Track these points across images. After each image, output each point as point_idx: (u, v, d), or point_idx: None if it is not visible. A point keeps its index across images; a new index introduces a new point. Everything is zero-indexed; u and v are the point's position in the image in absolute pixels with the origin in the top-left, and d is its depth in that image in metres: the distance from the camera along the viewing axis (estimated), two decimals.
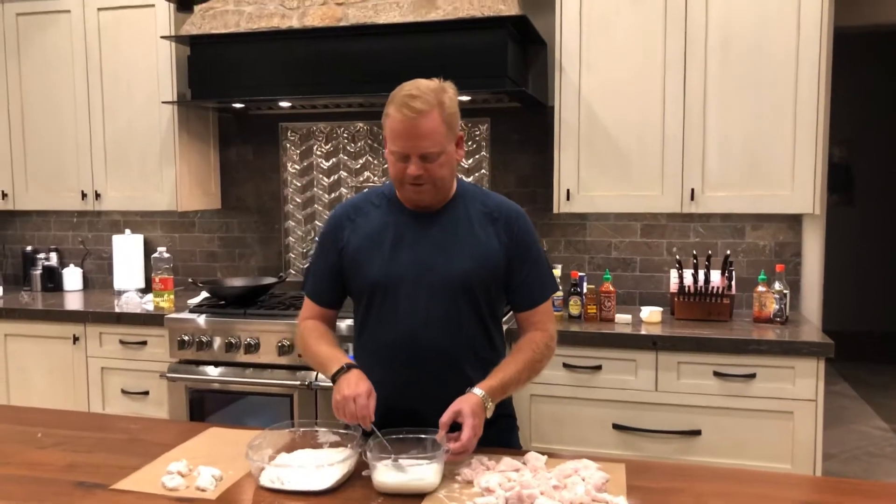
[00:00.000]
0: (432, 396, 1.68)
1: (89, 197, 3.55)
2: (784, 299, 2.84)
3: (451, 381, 1.69)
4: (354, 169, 3.53)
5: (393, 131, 1.64)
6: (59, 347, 3.31)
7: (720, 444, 2.63)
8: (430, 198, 1.71)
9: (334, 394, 1.61)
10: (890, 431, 4.45)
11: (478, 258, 1.71)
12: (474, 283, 1.71)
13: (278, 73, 3.06)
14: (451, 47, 2.85)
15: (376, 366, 1.72)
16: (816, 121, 2.76)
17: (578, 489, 1.40)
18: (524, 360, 1.72)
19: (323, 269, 1.83)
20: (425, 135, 1.62)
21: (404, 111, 1.61)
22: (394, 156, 1.66)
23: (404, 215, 1.75)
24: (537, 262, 1.79)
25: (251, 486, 1.49)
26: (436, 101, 1.63)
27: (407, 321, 1.70)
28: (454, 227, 1.74)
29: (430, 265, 1.70)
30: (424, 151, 1.63)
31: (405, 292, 1.70)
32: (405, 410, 1.68)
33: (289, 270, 3.65)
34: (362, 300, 1.78)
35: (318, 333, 1.81)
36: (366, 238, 1.76)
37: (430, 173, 1.65)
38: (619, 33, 2.90)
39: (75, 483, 1.52)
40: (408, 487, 1.44)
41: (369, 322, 1.77)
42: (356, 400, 1.56)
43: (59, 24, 3.51)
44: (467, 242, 1.72)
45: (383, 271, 1.72)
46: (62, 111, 3.56)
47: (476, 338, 1.75)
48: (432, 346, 1.70)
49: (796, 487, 1.57)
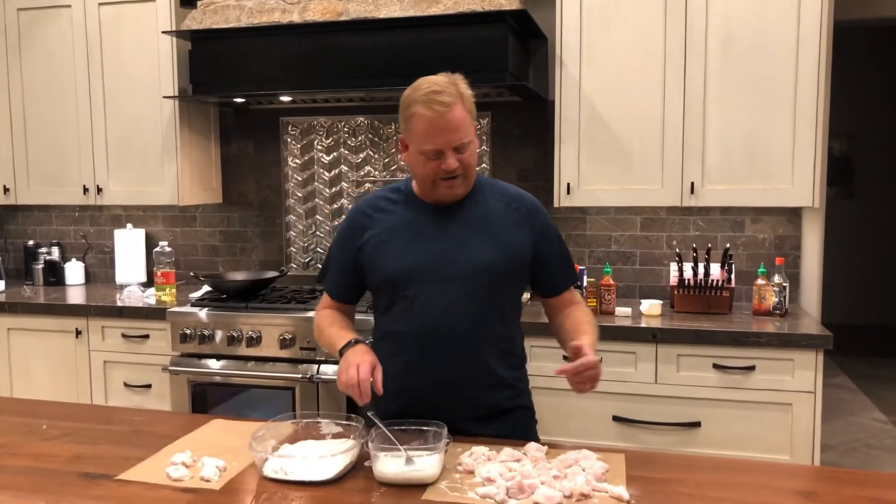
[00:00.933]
0: (453, 386, 1.71)
1: (91, 191, 3.56)
2: (783, 292, 2.85)
3: (472, 371, 1.72)
4: (355, 163, 3.54)
5: (424, 130, 1.64)
6: (62, 341, 3.33)
7: (720, 436, 2.64)
8: (462, 190, 1.72)
9: (339, 364, 1.65)
10: (889, 423, 4.47)
11: (500, 249, 1.72)
12: (496, 274, 1.72)
13: (279, 67, 3.07)
14: (451, 41, 2.86)
15: (397, 356, 1.73)
16: (816, 114, 2.76)
17: (579, 479, 1.42)
18: (589, 322, 1.77)
19: (340, 264, 1.86)
20: (457, 127, 1.63)
21: (435, 107, 1.61)
22: (425, 155, 1.66)
23: (424, 209, 1.76)
24: (560, 249, 1.84)
25: (255, 476, 1.50)
26: (457, 91, 1.65)
27: (428, 312, 1.71)
28: (475, 219, 1.74)
29: (452, 257, 1.71)
30: (458, 143, 1.64)
31: (427, 284, 1.71)
32: (425, 400, 1.70)
33: (290, 264, 3.67)
34: (383, 293, 1.79)
35: (331, 319, 1.86)
36: (385, 232, 1.77)
37: (463, 164, 1.67)
38: (619, 28, 2.90)
39: (81, 474, 1.54)
40: (409, 478, 1.45)
41: (390, 314, 1.78)
42: (358, 367, 1.58)
43: (61, 19, 3.51)
44: (489, 234, 1.73)
45: (404, 263, 1.72)
46: (64, 106, 3.56)
47: (497, 328, 1.76)
48: (454, 336, 1.70)
49: (794, 477, 1.59)
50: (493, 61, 2.83)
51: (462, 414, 1.73)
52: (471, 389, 1.73)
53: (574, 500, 1.38)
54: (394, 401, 1.69)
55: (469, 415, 1.74)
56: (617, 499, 1.38)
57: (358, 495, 1.43)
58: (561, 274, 1.84)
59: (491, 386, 1.76)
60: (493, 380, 1.76)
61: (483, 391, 1.75)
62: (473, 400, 1.75)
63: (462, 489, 1.43)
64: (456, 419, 1.69)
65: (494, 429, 1.73)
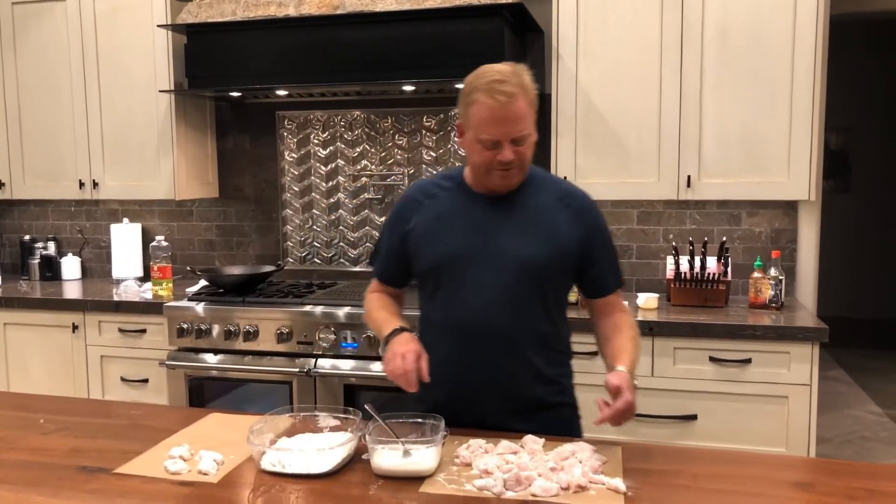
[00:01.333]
0: (491, 378, 1.70)
1: (87, 186, 3.55)
2: (779, 285, 2.86)
3: (512, 364, 1.71)
4: (352, 157, 3.54)
5: (483, 118, 1.61)
6: (59, 336, 3.33)
7: (716, 429, 2.65)
8: (516, 181, 1.70)
9: (385, 352, 1.66)
10: (884, 416, 4.49)
11: (549, 244, 1.70)
12: (543, 268, 1.70)
13: (275, 61, 3.06)
14: (447, 35, 2.85)
15: (439, 345, 1.71)
16: (812, 108, 2.77)
17: (575, 471, 1.42)
18: (633, 337, 1.75)
19: (388, 248, 1.85)
20: (518, 118, 1.61)
21: (497, 97, 1.58)
22: (482, 143, 1.63)
23: (475, 199, 1.74)
24: (610, 249, 1.82)
25: (252, 469, 1.51)
26: (520, 83, 1.62)
27: (470, 303, 1.69)
28: (526, 211, 1.72)
29: (500, 248, 1.69)
30: (517, 135, 1.62)
31: (470, 274, 1.70)
32: (466, 391, 1.70)
33: (286, 259, 3.66)
34: (429, 280, 1.77)
35: (379, 303, 1.88)
36: (434, 220, 1.75)
37: (519, 156, 1.64)
38: (615, 21, 2.90)
39: (79, 468, 1.54)
40: (407, 471, 1.45)
41: (434, 302, 1.77)
42: (405, 356, 1.60)
43: (55, 13, 3.50)
44: (539, 227, 1.71)
45: (449, 252, 1.71)
46: (59, 100, 3.55)
47: (540, 323, 1.74)
48: (494, 329, 1.69)
49: (790, 468, 1.59)
50: (489, 55, 2.78)
51: (502, 407, 1.71)
52: (510, 383, 1.71)
53: (571, 492, 1.38)
54: (436, 390, 1.68)
55: (509, 408, 1.72)
56: (614, 491, 1.39)
57: (355, 488, 1.43)
58: (609, 276, 1.80)
59: (532, 381, 1.73)
60: (534, 374, 1.73)
61: (523, 385, 1.73)
62: (513, 394, 1.73)
63: (459, 481, 1.43)
64: (496, 412, 1.70)
65: (535, 424, 1.69)
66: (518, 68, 1.66)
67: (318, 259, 3.63)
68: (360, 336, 2.83)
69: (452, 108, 3.39)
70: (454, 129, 3.40)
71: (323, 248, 3.62)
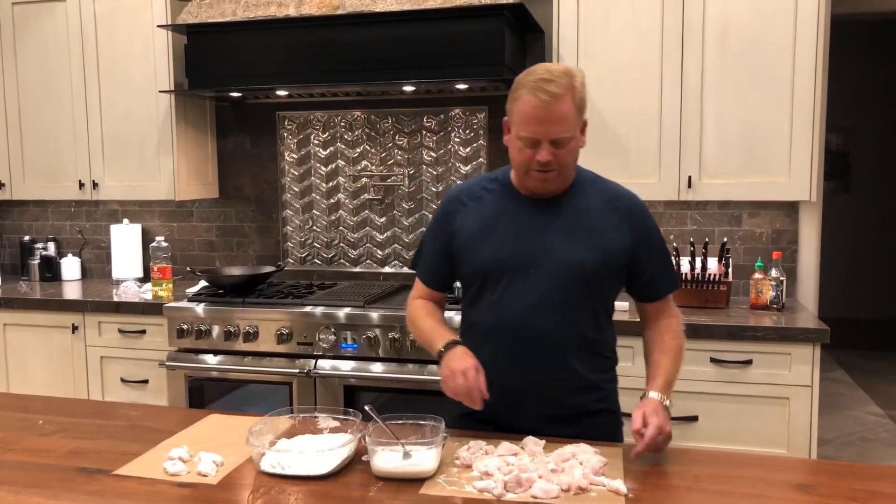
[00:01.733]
0: (535, 384, 1.69)
1: (87, 186, 3.55)
2: (780, 286, 2.86)
3: (557, 370, 1.69)
4: (352, 158, 3.54)
5: (524, 116, 1.59)
6: (58, 337, 3.32)
7: (717, 430, 2.65)
8: (555, 186, 1.67)
9: (442, 369, 1.64)
10: (885, 417, 4.49)
11: (598, 248, 1.68)
12: (588, 274, 1.67)
13: (275, 61, 3.05)
14: (448, 35, 2.85)
15: (482, 348, 1.69)
16: (813, 108, 2.76)
17: (576, 473, 1.42)
18: (673, 351, 1.73)
19: (433, 251, 1.82)
20: (559, 119, 1.58)
21: (539, 95, 1.56)
22: (522, 141, 1.61)
23: (521, 201, 1.72)
24: (662, 252, 1.79)
25: (252, 471, 1.50)
26: (569, 84, 1.59)
27: (515, 307, 1.68)
28: (574, 215, 1.70)
29: (544, 252, 1.67)
30: (556, 137, 1.59)
31: (516, 278, 1.68)
32: (508, 396, 1.67)
33: (287, 259, 3.66)
34: (474, 284, 1.75)
35: (425, 311, 1.83)
36: (479, 223, 1.73)
37: (558, 159, 1.61)
38: (616, 22, 2.90)
39: (78, 469, 1.53)
40: (407, 472, 1.45)
41: (479, 305, 1.74)
42: (465, 374, 1.57)
43: (56, 13, 3.49)
44: (587, 231, 1.69)
45: (498, 256, 1.69)
46: (59, 101, 3.55)
47: (586, 329, 1.72)
48: (539, 334, 1.67)
49: (792, 470, 1.59)
50: (490, 55, 2.82)
51: (545, 412, 1.70)
52: (554, 389, 1.70)
53: (572, 494, 1.38)
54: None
55: (552, 414, 1.70)
56: (614, 492, 1.38)
57: (355, 490, 1.42)
58: (660, 279, 1.77)
59: (576, 387, 1.71)
60: (578, 381, 1.72)
61: (567, 392, 1.71)
62: (556, 400, 1.71)
63: (460, 483, 1.43)
64: (539, 418, 1.69)
65: (576, 430, 1.68)
66: (572, 70, 1.63)
67: (319, 260, 3.63)
68: (360, 337, 2.83)
69: (453, 109, 3.39)
70: (454, 130, 3.40)
71: (323, 248, 3.62)
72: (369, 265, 3.56)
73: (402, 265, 3.52)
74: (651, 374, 1.70)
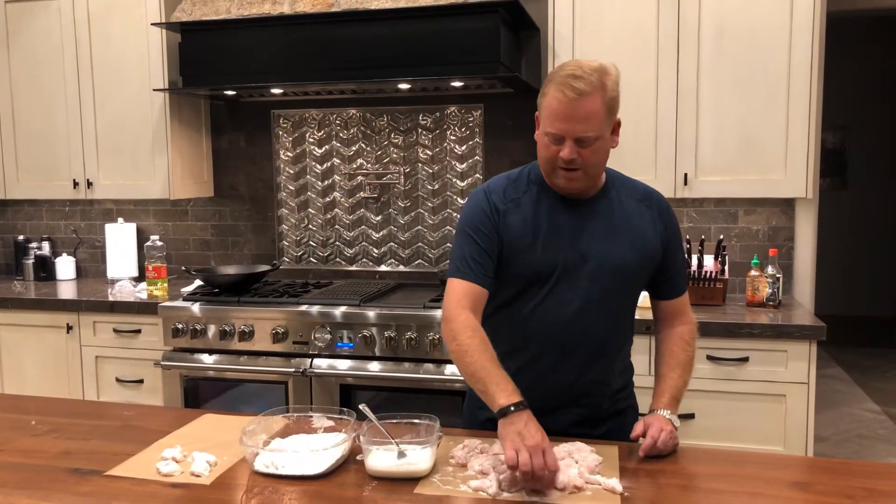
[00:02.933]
0: (575, 388, 1.67)
1: (81, 186, 3.53)
2: (777, 283, 2.85)
3: (599, 372, 1.69)
4: (347, 156, 3.52)
5: (551, 111, 1.57)
6: (53, 336, 3.31)
7: (714, 428, 2.64)
8: (580, 185, 1.63)
9: (507, 438, 1.41)
10: (882, 414, 4.49)
11: (638, 247, 1.67)
12: (631, 275, 1.67)
13: (270, 59, 3.04)
14: (443, 33, 2.84)
15: (521, 350, 1.67)
16: (809, 105, 2.76)
17: (572, 471, 1.41)
18: (683, 364, 1.72)
19: (478, 249, 1.65)
20: (584, 117, 1.54)
21: (566, 91, 1.53)
22: (548, 137, 1.59)
23: (558, 202, 1.67)
24: (682, 250, 1.79)
25: (246, 471, 1.49)
26: (599, 82, 1.54)
27: (561, 311, 1.64)
28: (612, 215, 1.68)
29: (590, 255, 1.64)
30: (581, 135, 1.55)
31: (562, 282, 1.64)
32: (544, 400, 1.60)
33: (282, 258, 3.65)
34: (512, 287, 1.68)
35: (482, 343, 1.56)
36: (522, 225, 1.66)
37: (583, 159, 1.57)
38: (612, 19, 2.89)
39: (70, 470, 1.52)
40: (402, 472, 1.44)
41: (517, 308, 1.68)
42: (545, 454, 1.38)
43: (49, 11, 3.48)
44: (627, 231, 1.67)
45: (543, 260, 1.64)
46: (53, 100, 3.53)
47: (624, 329, 1.73)
48: (585, 338, 1.65)
49: (788, 468, 1.58)
50: (486, 52, 2.81)
51: (577, 415, 1.69)
52: (592, 393, 1.69)
53: (567, 493, 1.37)
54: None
55: (583, 416, 1.70)
56: (610, 491, 1.38)
57: (350, 489, 1.42)
58: (679, 277, 1.76)
59: (609, 387, 1.72)
60: (615, 382, 1.72)
61: (603, 395, 1.71)
62: (592, 403, 1.70)
63: (454, 482, 1.42)
64: (569, 421, 1.67)
65: (601, 431, 1.69)
66: (606, 67, 1.59)
67: (314, 258, 3.62)
68: (356, 336, 2.82)
69: (448, 106, 3.38)
70: (450, 128, 3.39)
71: (319, 247, 3.61)
72: (365, 263, 3.55)
73: (398, 263, 3.51)
74: (659, 389, 1.69)
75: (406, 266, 3.49)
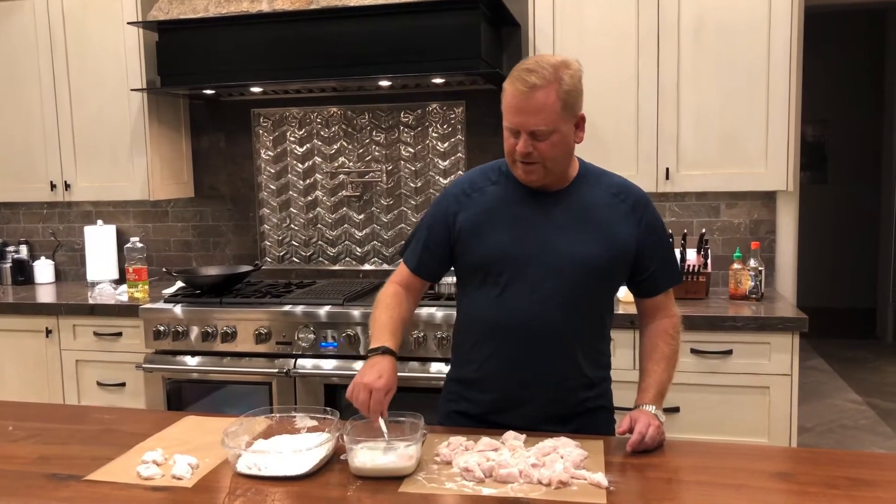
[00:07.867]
0: (539, 379, 1.66)
1: (59, 188, 3.48)
2: (759, 276, 2.87)
3: (563, 367, 1.67)
4: (329, 154, 3.50)
5: (506, 105, 1.58)
6: (32, 341, 3.26)
7: (698, 421, 2.65)
8: (539, 178, 1.63)
9: (359, 371, 1.57)
10: (863, 404, 4.53)
11: (605, 242, 1.65)
12: (596, 269, 1.65)
13: (249, 58, 3.01)
14: (423, 29, 2.82)
15: (483, 344, 1.67)
16: (789, 99, 2.77)
17: (557, 466, 1.41)
18: (667, 358, 1.72)
19: (428, 238, 1.75)
20: (536, 110, 1.54)
21: (517, 84, 1.54)
22: (507, 131, 1.60)
23: (525, 194, 1.67)
24: (666, 247, 1.76)
25: (228, 473, 1.47)
26: (553, 76, 1.54)
27: (521, 302, 1.64)
28: (578, 209, 1.67)
29: (552, 247, 1.64)
30: (534, 128, 1.55)
31: (522, 272, 1.64)
32: (510, 394, 1.64)
33: (264, 258, 3.62)
34: (474, 276, 1.70)
35: (393, 301, 1.73)
36: (481, 214, 1.68)
37: (539, 152, 1.57)
38: (591, 14, 2.89)
39: (48, 475, 1.49)
40: (386, 470, 1.43)
41: (479, 299, 1.69)
42: (373, 394, 1.51)
43: (23, 10, 3.42)
44: (594, 225, 1.66)
45: (501, 248, 1.65)
46: (28, 100, 3.48)
47: (591, 324, 1.71)
48: (545, 330, 1.64)
49: (772, 459, 1.59)
50: (466, 49, 2.80)
51: (544, 411, 1.68)
52: (557, 388, 1.68)
53: (553, 488, 1.36)
54: (480, 394, 1.66)
55: (551, 412, 1.69)
56: (596, 485, 1.37)
57: (334, 489, 1.40)
58: (662, 274, 1.73)
59: (578, 384, 1.70)
60: (581, 379, 1.70)
61: (569, 390, 1.70)
62: (558, 398, 1.69)
63: (439, 480, 1.41)
64: (537, 417, 1.67)
65: (572, 427, 1.67)
66: (566, 62, 1.59)
67: (297, 258, 3.59)
68: (340, 335, 2.80)
69: (430, 104, 3.37)
70: (432, 125, 3.38)
71: (301, 246, 3.58)
72: (348, 263, 3.53)
73: (382, 262, 3.49)
74: (643, 384, 1.69)
75: (390, 265, 3.47)
